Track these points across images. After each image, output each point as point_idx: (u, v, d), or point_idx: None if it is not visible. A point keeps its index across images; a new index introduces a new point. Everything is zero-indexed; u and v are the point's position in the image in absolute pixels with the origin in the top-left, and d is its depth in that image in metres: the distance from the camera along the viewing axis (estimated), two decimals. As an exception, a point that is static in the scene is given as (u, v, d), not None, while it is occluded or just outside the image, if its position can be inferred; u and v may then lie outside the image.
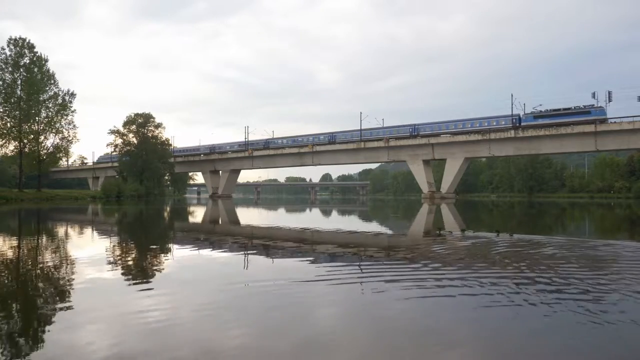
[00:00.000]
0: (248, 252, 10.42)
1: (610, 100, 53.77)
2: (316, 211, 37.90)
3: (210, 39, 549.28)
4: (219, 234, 16.12)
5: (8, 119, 57.21)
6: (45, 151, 62.00)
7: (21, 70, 56.57)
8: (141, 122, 79.56)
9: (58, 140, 62.35)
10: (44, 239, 14.31)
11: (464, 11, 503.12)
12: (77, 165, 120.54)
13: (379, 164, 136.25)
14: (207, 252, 10.57)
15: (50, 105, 60.17)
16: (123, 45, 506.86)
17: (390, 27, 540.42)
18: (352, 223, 23.25)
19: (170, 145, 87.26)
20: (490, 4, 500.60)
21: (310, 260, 8.56)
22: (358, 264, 8.25)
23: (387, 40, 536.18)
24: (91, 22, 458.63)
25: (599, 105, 53.53)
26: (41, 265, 8.44)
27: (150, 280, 6.95)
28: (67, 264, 8.56)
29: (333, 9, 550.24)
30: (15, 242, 12.78)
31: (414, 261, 8.28)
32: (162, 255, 10.25)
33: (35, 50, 57.50)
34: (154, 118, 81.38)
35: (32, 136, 59.48)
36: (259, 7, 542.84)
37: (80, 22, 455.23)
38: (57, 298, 5.80)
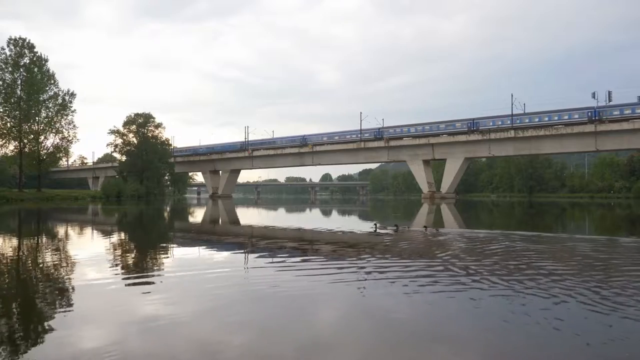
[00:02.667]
0: (248, 251, 10.43)
1: (610, 100, 53.73)
2: (316, 211, 37.91)
3: (211, 38, 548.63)
4: (219, 234, 16.13)
5: (8, 119, 57.19)
6: (45, 151, 61.94)
7: (21, 70, 56.54)
8: (141, 122, 79.49)
9: (58, 140, 62.32)
10: (44, 239, 14.31)
11: (466, 11, 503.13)
12: (77, 165, 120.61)
13: (379, 164, 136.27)
14: (207, 252, 10.58)
15: (50, 105, 60.15)
16: (124, 44, 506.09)
17: (392, 26, 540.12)
18: (352, 223, 23.24)
19: (171, 145, 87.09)
20: (492, 3, 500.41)
21: (309, 259, 8.56)
22: (355, 261, 8.25)
23: (388, 40, 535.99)
24: (92, 21, 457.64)
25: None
26: (41, 266, 8.46)
27: (151, 280, 6.96)
28: (67, 265, 8.57)
29: (334, 8, 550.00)
30: (15, 243, 12.79)
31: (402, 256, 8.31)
32: (162, 255, 10.26)
33: (35, 50, 57.55)
34: (154, 118, 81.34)
35: (32, 136, 59.45)
36: (260, 7, 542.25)
37: (81, 21, 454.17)
38: (57, 298, 5.81)
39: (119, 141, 79.17)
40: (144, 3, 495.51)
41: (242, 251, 10.67)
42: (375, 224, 14.76)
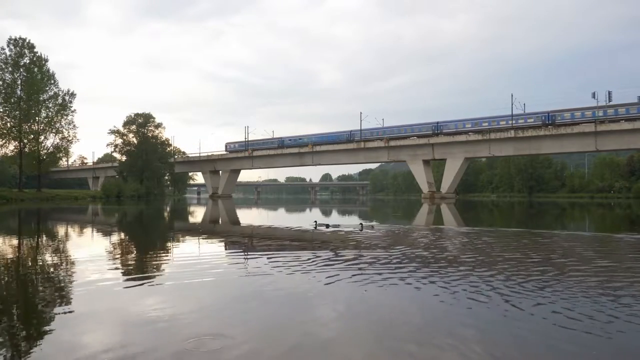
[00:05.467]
0: (248, 251, 10.44)
1: (610, 100, 53.93)
2: (316, 211, 37.89)
3: (212, 38, 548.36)
4: (219, 233, 16.13)
5: (8, 119, 57.21)
6: (45, 151, 61.98)
7: (21, 70, 56.58)
8: (141, 122, 79.59)
9: (58, 140, 62.39)
10: (44, 239, 14.32)
11: (467, 11, 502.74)
12: (77, 165, 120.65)
13: (379, 164, 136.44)
14: (207, 252, 10.58)
15: (50, 105, 60.19)
16: (125, 44, 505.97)
17: (393, 26, 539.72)
18: (351, 222, 23.21)
19: (171, 145, 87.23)
20: (492, 3, 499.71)
21: (309, 258, 8.55)
22: (351, 258, 8.27)
23: (389, 40, 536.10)
24: (93, 21, 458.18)
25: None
26: (41, 266, 8.46)
27: (151, 280, 6.96)
28: (67, 264, 8.58)
29: (337, 8, 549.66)
30: (15, 242, 12.80)
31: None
32: (162, 255, 10.26)
33: (35, 50, 57.60)
34: (154, 118, 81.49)
35: (32, 136, 59.47)
36: (262, 6, 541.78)
37: (82, 21, 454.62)
38: (57, 298, 5.81)
39: (119, 141, 79.35)
40: (146, 2, 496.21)
41: (243, 251, 10.68)
42: (316, 222, 15.69)
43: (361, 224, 14.94)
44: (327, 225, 15.49)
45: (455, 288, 6.05)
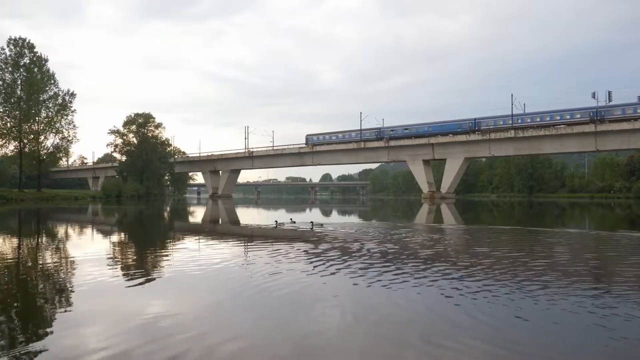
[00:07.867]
0: (248, 250, 10.44)
1: (610, 100, 54.00)
2: (316, 211, 37.87)
3: (213, 38, 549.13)
4: (219, 233, 16.13)
5: (8, 119, 57.29)
6: (45, 151, 62.04)
7: (21, 70, 56.63)
8: (141, 122, 79.67)
9: (58, 140, 62.50)
10: (44, 239, 14.32)
11: (467, 11, 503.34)
12: (77, 165, 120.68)
13: (379, 164, 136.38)
14: (207, 251, 10.58)
15: (50, 105, 60.30)
16: (125, 44, 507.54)
17: (394, 26, 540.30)
18: (353, 222, 23.21)
19: (171, 145, 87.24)
20: (493, 3, 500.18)
21: (309, 258, 8.55)
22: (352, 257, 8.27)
23: (389, 40, 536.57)
24: (94, 21, 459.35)
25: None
26: (41, 265, 8.46)
27: (151, 280, 6.95)
28: (67, 264, 8.58)
29: (337, 8, 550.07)
30: (15, 242, 12.79)
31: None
32: (163, 255, 10.26)
33: (35, 50, 57.69)
34: (154, 118, 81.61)
35: (32, 136, 59.53)
36: (262, 6, 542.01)
37: (83, 21, 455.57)
38: (57, 298, 5.81)
39: (119, 141, 79.44)
40: (146, 2, 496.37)
41: (243, 251, 10.68)
42: (276, 221, 16.63)
43: (312, 222, 15.61)
44: (277, 223, 16.17)
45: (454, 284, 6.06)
